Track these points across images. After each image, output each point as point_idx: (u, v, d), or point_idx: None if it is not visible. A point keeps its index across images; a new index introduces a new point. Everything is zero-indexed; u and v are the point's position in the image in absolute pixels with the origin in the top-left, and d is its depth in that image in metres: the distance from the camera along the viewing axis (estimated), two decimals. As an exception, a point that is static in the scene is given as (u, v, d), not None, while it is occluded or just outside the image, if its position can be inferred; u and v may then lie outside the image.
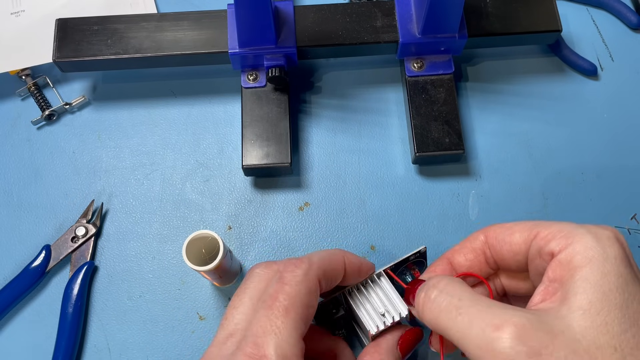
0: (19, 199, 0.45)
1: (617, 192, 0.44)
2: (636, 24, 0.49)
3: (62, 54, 0.44)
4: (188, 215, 0.44)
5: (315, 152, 0.46)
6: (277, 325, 0.28)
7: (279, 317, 0.28)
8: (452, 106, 0.44)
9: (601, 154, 0.45)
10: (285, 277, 0.30)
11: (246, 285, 0.32)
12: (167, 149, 0.46)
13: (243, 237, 0.44)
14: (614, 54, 0.49)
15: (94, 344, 0.41)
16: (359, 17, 0.45)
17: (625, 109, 0.47)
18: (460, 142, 0.43)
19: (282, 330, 0.28)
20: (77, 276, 0.41)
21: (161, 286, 0.42)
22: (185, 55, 0.44)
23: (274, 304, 0.29)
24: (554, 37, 0.46)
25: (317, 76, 0.48)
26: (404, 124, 0.47)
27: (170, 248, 0.43)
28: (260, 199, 0.45)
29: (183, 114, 0.48)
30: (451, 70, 0.45)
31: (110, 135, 0.47)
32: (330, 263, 0.32)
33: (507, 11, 0.45)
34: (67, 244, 0.43)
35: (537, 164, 0.45)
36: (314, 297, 0.31)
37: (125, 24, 0.45)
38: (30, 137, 0.47)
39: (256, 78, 0.45)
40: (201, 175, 0.45)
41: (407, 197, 0.44)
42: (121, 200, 0.45)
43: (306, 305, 0.30)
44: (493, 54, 0.49)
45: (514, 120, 0.46)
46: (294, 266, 0.31)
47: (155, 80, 0.48)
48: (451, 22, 0.43)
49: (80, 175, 0.45)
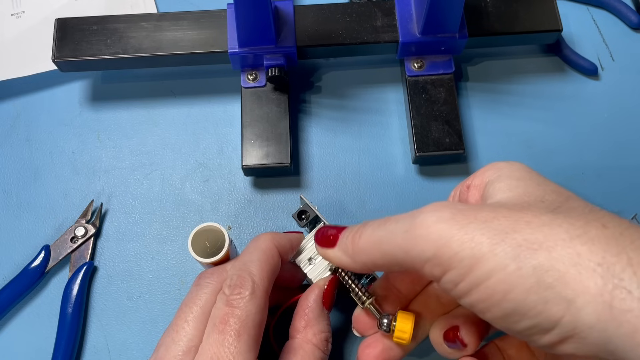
0: (19, 199, 0.45)
1: (617, 192, 0.44)
2: (637, 24, 0.49)
3: (62, 54, 0.44)
4: (188, 215, 0.44)
5: (315, 152, 0.46)
6: (230, 352, 0.28)
7: (232, 343, 0.29)
8: (452, 106, 0.44)
9: (601, 154, 0.45)
10: (232, 300, 0.30)
11: (197, 295, 0.31)
12: (167, 149, 0.46)
13: (243, 237, 0.43)
14: (615, 54, 0.49)
15: (94, 344, 0.41)
16: (359, 16, 0.45)
17: (625, 108, 0.47)
18: (461, 142, 0.43)
19: (237, 356, 0.28)
20: (76, 276, 0.41)
21: (161, 286, 0.42)
22: (184, 55, 0.44)
23: (225, 328, 0.29)
24: (554, 36, 0.46)
25: (317, 76, 0.48)
26: (404, 124, 0.46)
27: (170, 248, 0.43)
28: (260, 199, 0.45)
29: (183, 113, 0.47)
30: (451, 70, 0.45)
31: (109, 135, 0.47)
32: (269, 265, 0.32)
33: (507, 11, 0.45)
34: (66, 244, 0.43)
35: (537, 164, 0.45)
36: (265, 312, 0.31)
37: (124, 23, 0.45)
38: (30, 137, 0.47)
39: (256, 78, 0.45)
40: (201, 176, 0.45)
41: (407, 197, 0.44)
42: (121, 200, 0.45)
43: (258, 324, 0.30)
44: (493, 54, 0.49)
45: (514, 120, 0.46)
46: (239, 287, 0.30)
47: (154, 80, 0.48)
48: (451, 21, 0.43)
49: (80, 176, 0.45)
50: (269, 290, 0.32)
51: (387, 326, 0.32)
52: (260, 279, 0.31)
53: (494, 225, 0.24)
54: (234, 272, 0.32)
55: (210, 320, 0.30)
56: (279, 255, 0.34)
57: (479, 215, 0.25)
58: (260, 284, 0.31)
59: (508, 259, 0.23)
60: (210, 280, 0.32)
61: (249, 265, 0.32)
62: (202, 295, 0.31)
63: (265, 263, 0.32)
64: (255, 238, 0.35)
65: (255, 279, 0.31)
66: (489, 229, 0.24)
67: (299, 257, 0.37)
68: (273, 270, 0.33)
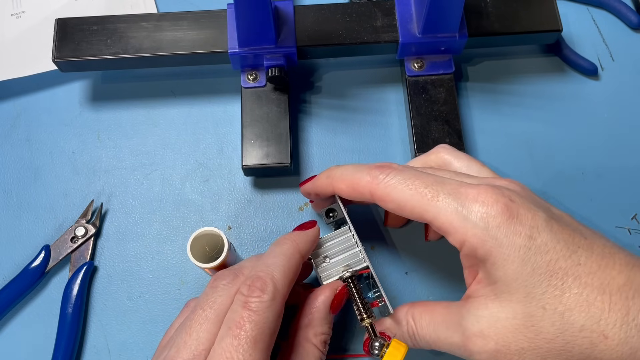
0: (19, 199, 0.45)
1: (617, 192, 0.44)
2: (636, 24, 0.49)
3: (62, 54, 0.44)
4: (188, 215, 0.44)
5: (315, 152, 0.46)
6: (245, 359, 0.28)
7: (247, 350, 0.28)
8: (452, 106, 0.44)
9: (601, 154, 0.45)
10: (251, 303, 0.29)
11: (212, 297, 0.31)
12: (167, 149, 0.46)
13: (243, 237, 0.43)
14: (615, 54, 0.49)
15: (94, 345, 0.41)
16: (359, 17, 0.45)
17: (625, 108, 0.47)
18: (461, 142, 0.43)
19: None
20: (76, 276, 0.41)
21: (161, 286, 0.42)
22: (184, 55, 0.44)
23: (240, 333, 0.28)
24: (554, 36, 0.46)
25: (317, 76, 0.48)
26: (404, 124, 0.46)
27: (170, 248, 0.43)
28: (260, 199, 0.45)
29: (183, 113, 0.47)
30: (451, 70, 0.45)
31: (109, 135, 0.47)
32: (291, 273, 0.32)
33: (507, 11, 0.45)
34: (66, 244, 0.43)
35: (537, 164, 0.45)
36: (280, 320, 0.30)
37: (124, 23, 0.45)
38: (30, 137, 0.47)
39: (256, 78, 0.45)
40: (201, 176, 0.45)
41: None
42: (121, 200, 0.45)
43: (273, 332, 0.30)
44: (493, 54, 0.49)
45: (514, 120, 0.46)
46: (260, 291, 0.29)
47: (155, 80, 0.48)
48: (451, 21, 0.43)
49: (80, 176, 0.45)
50: (286, 298, 0.31)
51: (379, 349, 0.32)
52: (282, 286, 0.30)
53: None
54: (255, 273, 0.31)
55: (225, 322, 0.29)
56: (301, 263, 0.33)
57: None
58: (281, 290, 0.30)
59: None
60: (226, 282, 0.31)
61: (272, 269, 0.31)
62: (217, 298, 0.31)
63: (288, 270, 0.32)
64: (278, 241, 0.34)
65: (278, 285, 0.30)
66: None
67: (315, 252, 0.36)
68: (293, 278, 0.32)
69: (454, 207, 0.30)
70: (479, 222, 0.29)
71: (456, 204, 0.30)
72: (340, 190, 0.35)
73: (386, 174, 0.32)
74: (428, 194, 0.31)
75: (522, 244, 0.28)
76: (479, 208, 0.29)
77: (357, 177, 0.33)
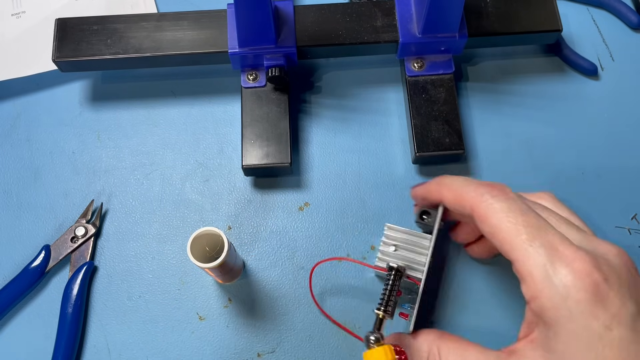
0: (19, 199, 0.45)
1: (617, 192, 0.44)
2: (636, 24, 0.49)
3: (62, 54, 0.44)
4: (188, 215, 0.44)
5: (315, 152, 0.46)
6: None
7: None
8: (452, 106, 0.44)
9: (601, 154, 0.45)
10: None
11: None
12: (167, 149, 0.46)
13: (243, 237, 0.43)
14: (615, 54, 0.49)
15: (94, 344, 0.41)
16: (359, 17, 0.45)
17: (625, 108, 0.47)
18: (461, 142, 0.43)
19: None
20: (76, 276, 0.41)
21: (161, 286, 0.42)
22: (185, 55, 0.44)
23: None
24: (554, 36, 0.46)
25: (317, 76, 0.48)
26: (404, 124, 0.46)
27: (170, 248, 0.43)
28: (260, 199, 0.45)
29: (183, 113, 0.47)
30: (451, 70, 0.45)
31: (109, 135, 0.47)
32: None
33: (507, 11, 0.45)
34: (66, 244, 0.43)
35: (537, 164, 0.45)
36: None
37: (124, 23, 0.45)
38: (30, 137, 0.47)
39: (256, 78, 0.45)
40: (201, 176, 0.45)
41: (407, 197, 0.44)
42: (121, 200, 0.45)
43: None
44: (493, 54, 0.49)
45: (514, 120, 0.46)
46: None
47: (155, 80, 0.48)
48: (451, 21, 0.43)
49: (80, 176, 0.45)
50: None
51: (369, 341, 0.32)
52: None
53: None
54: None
55: None
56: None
57: None
58: None
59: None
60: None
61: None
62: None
63: None
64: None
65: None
66: None
67: (393, 236, 0.38)
68: None
69: (542, 260, 0.28)
70: (560, 288, 0.27)
71: (546, 259, 0.28)
72: (445, 197, 0.35)
73: (493, 195, 0.31)
74: (524, 234, 0.29)
75: (596, 330, 0.26)
76: (567, 273, 0.27)
77: (464, 190, 0.33)
